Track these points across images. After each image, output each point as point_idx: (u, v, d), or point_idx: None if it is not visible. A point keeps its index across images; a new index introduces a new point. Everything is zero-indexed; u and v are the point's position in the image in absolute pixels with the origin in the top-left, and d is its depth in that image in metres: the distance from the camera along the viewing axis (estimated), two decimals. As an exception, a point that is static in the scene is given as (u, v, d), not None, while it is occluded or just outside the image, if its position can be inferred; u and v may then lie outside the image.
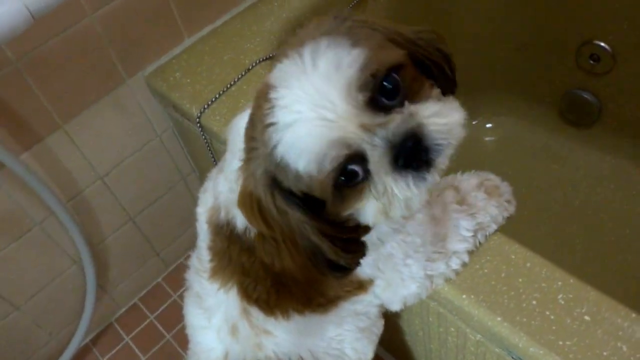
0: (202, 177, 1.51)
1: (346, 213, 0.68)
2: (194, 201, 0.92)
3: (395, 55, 0.64)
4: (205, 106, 1.15)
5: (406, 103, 0.62)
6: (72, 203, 1.30)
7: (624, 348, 0.76)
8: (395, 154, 0.60)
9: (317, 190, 0.63)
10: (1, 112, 1.09)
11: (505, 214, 0.93)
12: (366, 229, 0.73)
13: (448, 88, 0.72)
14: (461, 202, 0.91)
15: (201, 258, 0.91)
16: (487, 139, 1.75)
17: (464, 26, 1.57)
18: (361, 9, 1.40)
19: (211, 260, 0.87)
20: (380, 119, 0.60)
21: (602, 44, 1.44)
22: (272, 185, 0.65)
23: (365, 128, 0.59)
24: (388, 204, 0.65)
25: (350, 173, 0.62)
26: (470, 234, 0.88)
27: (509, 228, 0.92)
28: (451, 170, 0.97)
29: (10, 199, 1.18)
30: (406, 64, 0.65)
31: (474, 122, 1.75)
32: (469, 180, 0.95)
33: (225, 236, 0.82)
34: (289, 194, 0.65)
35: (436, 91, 0.67)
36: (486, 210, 0.90)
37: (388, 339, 1.01)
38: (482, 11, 1.55)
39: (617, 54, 1.43)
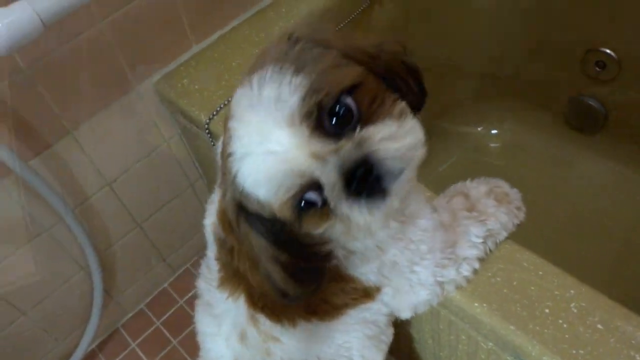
0: (209, 184, 1.51)
1: (315, 232, 0.68)
2: (201, 207, 0.92)
3: (350, 75, 0.63)
4: (214, 112, 1.16)
5: (358, 127, 0.61)
6: (80, 209, 1.30)
7: (637, 357, 0.76)
8: (348, 182, 0.60)
9: (281, 216, 0.64)
10: (11, 119, 1.09)
11: (515, 221, 0.92)
12: (328, 257, 0.73)
13: (417, 100, 0.71)
14: (471, 209, 0.90)
15: (210, 267, 0.92)
16: (492, 145, 1.76)
17: (470, 33, 1.57)
18: (367, 15, 1.41)
19: (219, 271, 0.88)
20: (331, 145, 0.60)
21: (608, 50, 1.44)
22: (238, 210, 0.66)
23: (316, 156, 0.59)
24: (348, 228, 0.65)
25: (308, 200, 0.63)
26: (481, 240, 0.87)
27: (513, 235, 0.92)
28: (459, 177, 0.98)
29: (18, 205, 1.18)
30: (363, 82, 0.63)
31: (479, 129, 1.76)
32: (478, 187, 0.95)
33: (228, 250, 0.82)
34: (255, 217, 0.66)
35: (399, 107, 0.65)
36: (496, 217, 0.90)
37: (396, 345, 1.01)
38: (487, 18, 1.55)
39: (623, 61, 1.43)
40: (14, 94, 1.07)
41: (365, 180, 0.60)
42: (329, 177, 0.60)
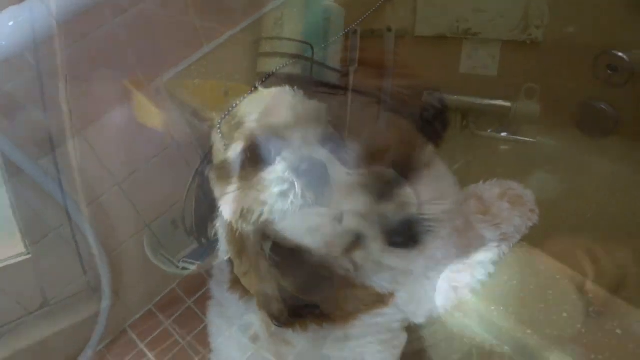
0: (218, 184, 1.50)
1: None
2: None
3: (391, 140, 0.68)
4: (226, 113, 1.15)
5: (399, 190, 0.66)
6: (89, 209, 1.29)
7: (657, 363, 0.75)
8: (389, 237, 0.66)
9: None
10: (21, 117, 1.09)
11: (529, 224, 0.92)
12: (329, 301, 0.77)
13: (438, 135, 0.77)
14: (485, 212, 0.90)
15: (222, 269, 0.91)
16: (502, 147, 1.75)
17: (483, 34, 1.56)
18: (382, 12, 1.41)
19: (231, 272, 0.87)
20: (375, 206, 0.65)
21: (620, 54, 1.43)
22: (261, 238, 0.70)
23: (362, 215, 0.64)
24: (379, 267, 0.71)
25: None
26: (495, 244, 0.87)
27: (523, 238, 0.91)
28: (471, 177, 0.98)
29: (27, 204, 1.18)
30: (400, 138, 0.68)
31: (489, 130, 1.75)
32: (491, 190, 0.94)
33: (238, 254, 0.82)
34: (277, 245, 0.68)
35: (428, 153, 0.71)
36: (510, 220, 0.89)
37: (408, 349, 1.00)
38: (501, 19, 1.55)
39: (636, 65, 1.42)
40: (25, 92, 1.07)
41: (405, 236, 0.67)
42: (372, 232, 0.66)
